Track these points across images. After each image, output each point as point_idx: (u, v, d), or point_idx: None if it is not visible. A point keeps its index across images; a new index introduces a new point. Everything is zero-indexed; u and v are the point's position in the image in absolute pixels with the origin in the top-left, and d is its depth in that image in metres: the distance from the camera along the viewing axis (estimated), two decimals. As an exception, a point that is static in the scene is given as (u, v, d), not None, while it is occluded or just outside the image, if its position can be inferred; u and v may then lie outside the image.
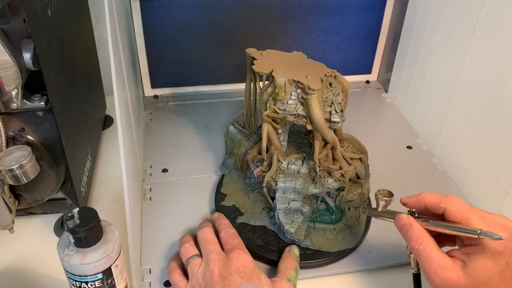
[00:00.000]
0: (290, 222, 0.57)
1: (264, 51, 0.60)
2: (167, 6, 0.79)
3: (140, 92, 0.84)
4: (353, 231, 0.59)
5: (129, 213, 0.47)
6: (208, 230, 0.54)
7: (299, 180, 0.59)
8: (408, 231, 0.45)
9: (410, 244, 0.45)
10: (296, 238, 0.57)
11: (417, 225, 0.45)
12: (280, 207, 0.58)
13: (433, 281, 0.43)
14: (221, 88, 0.91)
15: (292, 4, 0.83)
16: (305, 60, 0.60)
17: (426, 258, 0.43)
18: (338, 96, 0.56)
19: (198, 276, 0.49)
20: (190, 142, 0.77)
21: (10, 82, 0.48)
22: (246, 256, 0.50)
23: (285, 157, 0.61)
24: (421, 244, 0.44)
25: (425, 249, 0.44)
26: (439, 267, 0.43)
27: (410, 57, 0.82)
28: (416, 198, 0.47)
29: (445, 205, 0.44)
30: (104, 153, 0.75)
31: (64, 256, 0.43)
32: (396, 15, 0.87)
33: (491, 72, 0.62)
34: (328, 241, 0.58)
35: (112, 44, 0.47)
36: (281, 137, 0.61)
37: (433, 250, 0.43)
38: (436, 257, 0.43)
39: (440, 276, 0.42)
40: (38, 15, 0.47)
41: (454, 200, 0.44)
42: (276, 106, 0.56)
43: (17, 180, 0.49)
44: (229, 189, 0.65)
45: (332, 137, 0.57)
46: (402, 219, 0.46)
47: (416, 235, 0.44)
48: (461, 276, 0.42)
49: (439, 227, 0.44)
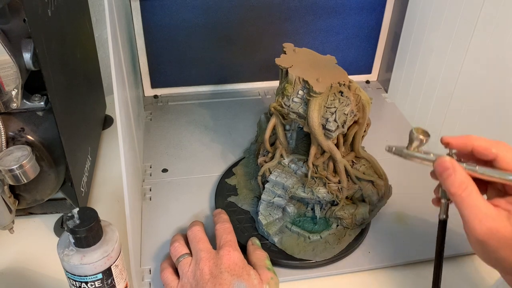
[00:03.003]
0: (267, 214, 0.59)
1: (298, 48, 0.61)
2: (167, 6, 0.79)
3: (140, 92, 0.84)
4: (326, 248, 0.57)
5: (129, 213, 0.47)
6: (197, 229, 0.54)
7: (291, 179, 0.59)
8: (450, 175, 0.41)
9: (452, 189, 0.41)
10: (266, 231, 0.58)
11: (461, 170, 0.41)
12: (265, 198, 0.60)
13: (476, 230, 0.40)
14: (221, 88, 0.91)
15: (292, 4, 0.83)
16: (332, 64, 0.58)
17: (469, 205, 0.40)
18: (346, 107, 0.54)
19: (188, 275, 0.49)
20: (190, 142, 0.77)
21: (10, 82, 0.48)
22: (236, 254, 0.50)
23: (289, 154, 0.61)
24: (464, 190, 0.40)
25: (469, 196, 0.40)
26: (484, 216, 0.39)
27: (410, 57, 0.82)
28: (463, 139, 0.43)
29: (497, 151, 0.41)
30: (104, 153, 0.75)
31: (64, 256, 0.43)
32: (396, 15, 0.87)
33: (491, 72, 0.62)
34: (297, 246, 0.57)
35: (112, 44, 0.47)
36: (288, 134, 0.61)
37: (478, 198, 0.40)
38: (481, 205, 0.40)
39: (485, 225, 0.39)
40: (38, 15, 0.47)
41: (507, 148, 0.41)
42: (282, 100, 0.56)
43: (17, 180, 0.49)
44: (239, 170, 0.69)
45: (327, 146, 0.56)
46: (445, 162, 0.42)
47: (460, 180, 0.41)
48: (507, 226, 0.39)
49: (488, 174, 0.41)
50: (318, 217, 0.59)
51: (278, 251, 0.57)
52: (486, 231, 0.39)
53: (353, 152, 0.61)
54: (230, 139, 0.78)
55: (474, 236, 0.40)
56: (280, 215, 0.59)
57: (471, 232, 0.40)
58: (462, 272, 0.57)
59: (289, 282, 0.55)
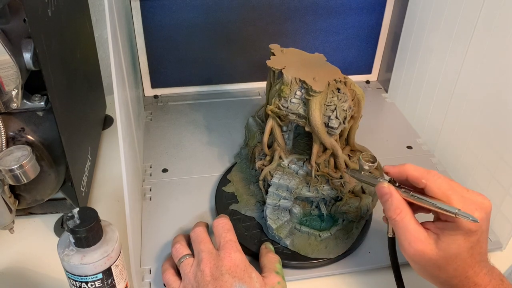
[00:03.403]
0: (275, 218, 0.58)
1: (285, 49, 0.60)
2: (167, 6, 0.79)
3: (140, 92, 0.84)
4: (338, 243, 0.58)
5: (129, 213, 0.47)
6: (200, 230, 0.53)
7: (294, 180, 0.59)
8: (387, 200, 0.46)
9: (388, 213, 0.46)
10: (277, 235, 0.57)
11: (397, 195, 0.45)
12: (270, 202, 0.59)
13: (406, 251, 0.45)
14: (221, 88, 0.91)
15: (292, 4, 0.83)
16: (322, 62, 0.59)
17: (402, 228, 0.44)
18: (344, 103, 0.55)
19: (190, 276, 0.49)
20: (190, 142, 0.77)
21: (10, 82, 0.48)
22: (237, 255, 0.49)
23: (288, 155, 0.61)
24: (399, 214, 0.45)
25: (402, 220, 0.45)
26: (413, 238, 0.44)
27: (410, 57, 0.82)
28: (399, 169, 0.47)
29: (427, 181, 0.44)
30: (104, 153, 0.75)
31: (64, 256, 0.43)
32: (396, 15, 0.87)
33: (491, 72, 0.62)
34: (309, 246, 0.57)
35: (112, 44, 0.47)
36: (286, 135, 0.61)
37: (410, 222, 0.44)
38: (412, 229, 0.44)
39: (413, 247, 0.44)
40: (38, 15, 0.47)
41: (436, 177, 0.44)
42: (280, 102, 0.56)
43: (17, 180, 0.49)
44: (235, 177, 0.68)
45: (330, 143, 0.56)
46: (383, 188, 0.46)
47: (395, 205, 0.45)
48: (433, 249, 0.43)
49: (419, 201, 0.45)
50: (325, 214, 0.59)
51: (291, 254, 0.57)
52: (414, 252, 0.44)
53: (349, 146, 0.62)
54: (230, 139, 0.78)
55: (405, 255, 0.45)
56: (288, 217, 0.58)
57: (403, 251, 0.45)
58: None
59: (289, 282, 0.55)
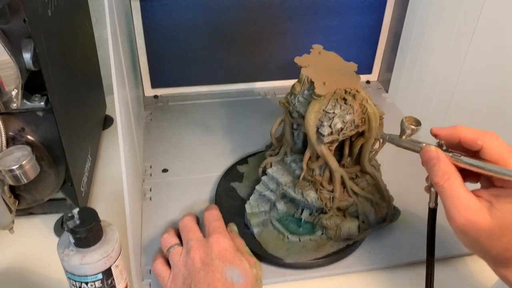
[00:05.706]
0: (255, 205, 0.60)
1: (324, 51, 0.61)
2: (167, 6, 0.79)
3: (140, 92, 0.84)
4: (301, 251, 0.56)
5: (129, 213, 0.47)
6: (188, 219, 0.54)
7: (287, 177, 0.59)
8: (434, 165, 0.42)
9: (435, 179, 0.41)
10: (248, 219, 0.58)
11: (445, 159, 0.41)
12: (258, 189, 0.61)
13: (455, 220, 0.40)
14: (221, 88, 0.91)
15: (292, 4, 0.83)
16: (348, 71, 0.57)
17: (450, 196, 0.40)
18: (347, 115, 0.52)
19: (180, 265, 0.49)
20: (190, 142, 0.77)
21: (10, 82, 0.48)
22: (225, 240, 0.50)
23: (293, 153, 0.61)
24: (447, 180, 0.41)
25: (451, 186, 0.40)
26: (464, 207, 0.39)
27: (411, 57, 0.82)
28: (450, 130, 0.43)
29: (483, 142, 0.41)
30: (104, 153, 0.75)
31: (64, 256, 0.43)
32: (396, 15, 0.87)
33: (491, 72, 0.62)
34: (272, 241, 0.57)
35: (112, 44, 0.47)
36: (296, 133, 0.60)
37: (460, 189, 0.40)
38: (462, 196, 0.40)
39: (464, 216, 0.39)
40: (38, 15, 0.47)
41: (493, 138, 0.41)
42: (290, 98, 0.57)
43: (17, 180, 0.49)
44: (252, 161, 0.70)
45: (320, 150, 0.54)
46: (430, 152, 0.42)
47: (443, 170, 0.41)
48: (486, 218, 0.39)
49: (472, 165, 0.41)
50: (304, 220, 0.58)
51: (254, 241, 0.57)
52: (464, 222, 0.39)
53: (359, 166, 0.59)
54: (230, 139, 0.78)
55: (454, 226, 0.41)
56: (267, 209, 0.59)
57: (451, 221, 0.41)
58: (458, 274, 0.57)
59: (289, 282, 0.55)
